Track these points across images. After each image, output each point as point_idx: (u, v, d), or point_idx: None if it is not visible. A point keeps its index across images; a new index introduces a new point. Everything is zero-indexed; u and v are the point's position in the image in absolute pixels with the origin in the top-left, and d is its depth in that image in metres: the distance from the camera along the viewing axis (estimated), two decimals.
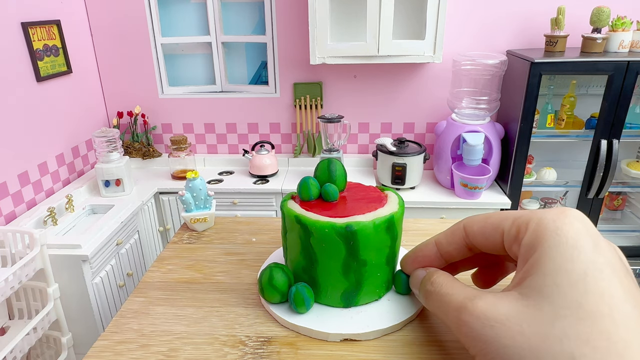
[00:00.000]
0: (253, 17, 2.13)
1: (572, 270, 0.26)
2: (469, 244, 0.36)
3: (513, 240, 0.31)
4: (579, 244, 0.27)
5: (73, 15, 2.02)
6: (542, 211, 0.30)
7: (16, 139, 1.69)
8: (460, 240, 0.36)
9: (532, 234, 0.29)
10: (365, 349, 0.40)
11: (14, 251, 1.34)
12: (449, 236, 0.37)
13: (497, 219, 0.33)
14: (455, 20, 2.00)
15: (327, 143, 2.05)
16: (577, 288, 0.25)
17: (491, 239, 0.33)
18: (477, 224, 0.34)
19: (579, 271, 0.26)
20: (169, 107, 2.26)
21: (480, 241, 0.34)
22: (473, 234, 0.35)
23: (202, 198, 0.66)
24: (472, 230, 0.35)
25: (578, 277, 0.25)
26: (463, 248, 0.36)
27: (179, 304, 0.48)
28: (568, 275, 0.26)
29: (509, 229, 0.31)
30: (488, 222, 0.33)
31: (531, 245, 0.28)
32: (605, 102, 1.75)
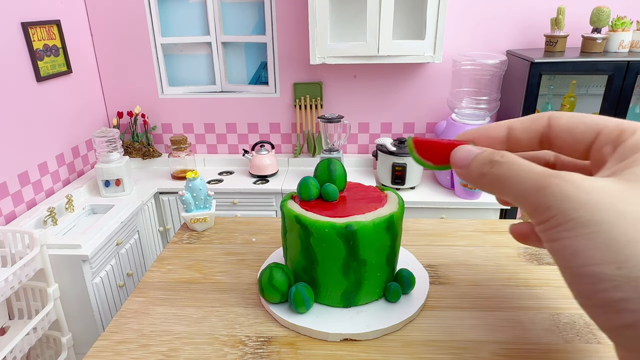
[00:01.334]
0: (253, 17, 2.13)
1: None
2: (545, 136, 0.34)
3: (609, 142, 0.30)
4: None
5: (73, 15, 2.02)
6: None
7: (16, 139, 1.69)
8: (539, 130, 0.34)
9: (639, 138, 0.28)
10: (365, 349, 0.40)
11: (14, 251, 1.34)
12: (527, 123, 0.35)
13: (597, 119, 0.32)
14: (455, 20, 2.00)
15: (327, 143, 2.05)
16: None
17: (579, 136, 0.32)
18: (566, 118, 0.33)
19: None
20: (169, 107, 2.26)
21: (565, 136, 0.33)
22: (559, 127, 0.33)
23: (202, 198, 0.66)
24: (559, 123, 0.33)
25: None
26: (536, 140, 0.34)
27: (179, 304, 0.48)
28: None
29: (610, 129, 0.30)
30: (583, 119, 0.32)
31: (634, 146, 0.28)
32: (605, 102, 1.75)
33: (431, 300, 0.47)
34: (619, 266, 0.23)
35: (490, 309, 0.45)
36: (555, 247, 0.27)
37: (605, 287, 0.24)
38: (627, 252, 0.23)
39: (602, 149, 0.30)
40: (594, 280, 0.24)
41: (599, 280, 0.24)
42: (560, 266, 0.27)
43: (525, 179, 0.29)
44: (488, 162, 0.31)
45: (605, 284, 0.24)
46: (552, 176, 0.27)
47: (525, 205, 0.29)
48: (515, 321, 0.43)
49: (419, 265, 0.51)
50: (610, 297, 0.24)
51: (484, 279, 0.50)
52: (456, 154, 0.35)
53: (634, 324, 0.23)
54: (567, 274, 0.27)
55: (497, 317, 0.44)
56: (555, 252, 0.27)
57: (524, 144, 0.35)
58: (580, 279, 0.25)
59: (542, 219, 0.27)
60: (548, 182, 0.27)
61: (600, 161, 0.30)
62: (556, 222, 0.26)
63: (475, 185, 0.33)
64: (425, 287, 0.47)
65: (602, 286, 0.24)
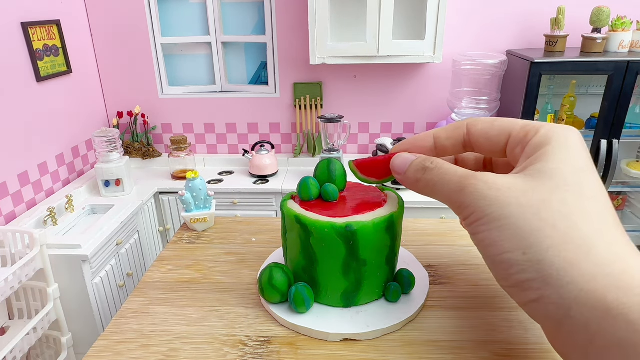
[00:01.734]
0: (253, 17, 2.13)
1: (575, 164, 0.29)
2: (467, 142, 0.37)
3: (518, 143, 0.33)
4: (581, 149, 0.31)
5: (73, 15, 2.02)
6: (550, 123, 0.33)
7: (16, 139, 1.69)
8: (460, 137, 0.37)
9: (542, 136, 0.31)
10: (365, 349, 0.40)
11: (14, 251, 1.34)
12: (450, 131, 0.38)
13: (505, 123, 0.35)
14: (455, 20, 2.00)
15: (327, 143, 2.05)
16: (578, 175, 0.29)
17: (495, 139, 0.35)
18: (481, 124, 0.36)
19: (581, 165, 0.30)
20: (169, 107, 2.26)
21: (482, 141, 0.36)
22: (476, 133, 0.37)
23: (202, 198, 0.66)
24: (476, 129, 0.37)
25: (579, 169, 0.29)
26: (459, 146, 0.38)
27: (179, 304, 0.48)
28: (571, 165, 0.29)
29: (518, 131, 0.33)
30: (495, 124, 0.36)
31: (539, 143, 0.31)
32: (605, 102, 1.75)
33: (431, 300, 0.47)
34: (524, 252, 0.27)
35: (491, 309, 0.45)
36: (477, 240, 0.31)
37: (515, 270, 0.28)
38: (531, 239, 0.27)
39: (514, 150, 0.34)
40: (506, 266, 0.29)
41: (510, 265, 0.28)
42: (483, 255, 0.31)
43: (450, 182, 0.33)
44: (421, 168, 0.36)
45: (514, 268, 0.28)
46: (470, 177, 0.31)
47: (451, 205, 0.33)
48: (515, 321, 0.43)
49: (419, 265, 0.51)
50: (519, 279, 0.28)
51: (484, 279, 0.50)
52: (395, 162, 0.39)
53: (539, 298, 0.27)
54: (488, 262, 0.31)
55: (497, 317, 0.44)
56: (477, 243, 0.31)
57: (450, 150, 0.39)
58: (497, 265, 0.30)
59: (464, 216, 0.32)
60: (467, 183, 0.31)
61: (514, 160, 0.34)
62: (475, 217, 0.30)
63: (413, 189, 0.37)
64: (425, 287, 0.47)
65: (512, 270, 0.28)
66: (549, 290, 0.27)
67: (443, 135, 0.38)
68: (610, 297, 0.24)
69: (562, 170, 0.29)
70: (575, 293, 0.25)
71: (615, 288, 0.25)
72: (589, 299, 0.25)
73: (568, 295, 0.26)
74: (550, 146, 0.30)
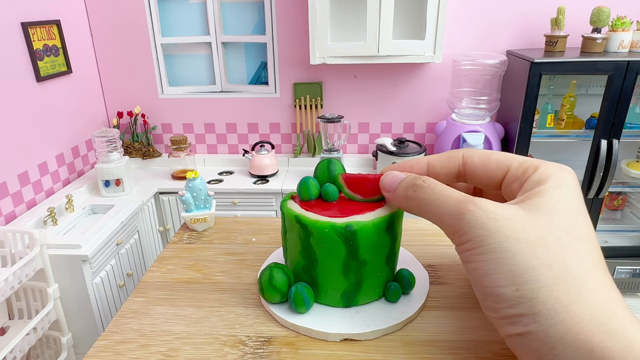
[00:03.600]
0: (253, 17, 2.13)
1: (570, 205, 0.30)
2: (461, 172, 0.37)
3: (516, 179, 0.34)
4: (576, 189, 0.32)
5: (73, 15, 2.02)
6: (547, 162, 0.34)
7: (16, 139, 1.69)
8: (455, 166, 0.37)
9: (541, 173, 0.32)
10: (365, 349, 0.40)
11: (14, 251, 1.34)
12: (444, 160, 0.38)
13: (503, 157, 0.36)
14: (455, 20, 2.00)
15: (327, 143, 2.05)
16: (573, 216, 0.30)
17: (491, 173, 0.36)
18: (478, 157, 0.37)
19: (575, 206, 0.31)
20: (169, 107, 2.26)
21: (478, 172, 0.37)
22: (473, 164, 0.37)
23: (202, 198, 0.66)
24: (473, 161, 0.37)
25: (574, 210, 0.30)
26: (453, 175, 0.38)
27: (179, 304, 0.48)
28: (567, 206, 0.30)
29: (516, 168, 0.34)
30: (492, 157, 0.36)
31: (538, 180, 0.32)
32: (605, 102, 1.75)
33: (431, 300, 0.47)
34: (517, 288, 0.28)
35: None
36: (469, 268, 0.31)
37: (506, 305, 0.29)
38: (525, 276, 0.28)
39: (511, 185, 0.34)
40: (498, 299, 0.29)
41: (502, 300, 0.29)
42: (473, 284, 0.32)
43: (444, 204, 0.33)
44: (412, 185, 0.35)
45: (506, 303, 0.29)
46: (469, 202, 0.31)
47: (444, 228, 0.33)
48: None
49: (419, 265, 0.51)
50: (508, 313, 0.29)
51: None
52: (385, 179, 0.39)
53: (525, 333, 0.28)
54: (478, 291, 0.31)
55: None
56: (470, 271, 0.31)
57: (442, 179, 0.38)
58: (487, 297, 0.30)
59: (459, 242, 0.32)
60: (464, 209, 0.31)
61: (510, 195, 0.34)
62: (471, 246, 0.30)
63: (402, 207, 0.37)
64: (425, 287, 0.47)
65: (503, 304, 0.29)
66: (536, 327, 0.27)
67: (437, 164, 0.38)
68: (595, 340, 0.25)
69: (559, 210, 0.30)
70: (562, 333, 0.26)
71: (600, 332, 0.25)
72: (575, 340, 0.25)
73: (554, 335, 0.26)
74: (549, 184, 0.31)
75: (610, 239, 2.07)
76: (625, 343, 0.25)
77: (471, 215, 0.30)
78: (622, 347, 0.24)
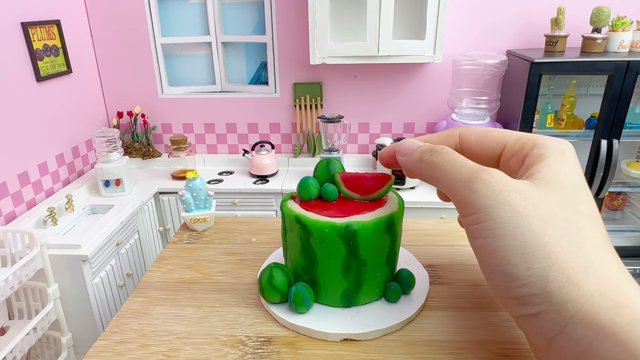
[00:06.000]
0: (253, 17, 2.13)
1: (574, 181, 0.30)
2: (458, 151, 0.37)
3: (513, 154, 0.34)
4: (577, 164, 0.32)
5: (73, 15, 2.02)
6: (544, 136, 0.33)
7: (16, 139, 1.69)
8: (452, 145, 0.37)
9: (541, 148, 0.32)
10: (365, 349, 0.40)
11: (13, 251, 1.34)
12: (442, 139, 0.38)
13: (500, 134, 0.35)
14: (455, 20, 2.00)
15: (327, 143, 2.05)
16: (577, 192, 0.30)
17: (488, 150, 0.36)
18: (475, 134, 0.36)
19: (578, 182, 0.30)
20: (169, 107, 2.26)
21: (475, 150, 0.36)
22: (469, 142, 0.37)
23: (202, 198, 0.66)
24: (469, 139, 0.37)
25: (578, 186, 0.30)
26: None
27: (179, 304, 0.48)
28: (571, 182, 0.30)
29: (512, 144, 0.34)
30: (489, 134, 0.36)
31: (540, 154, 0.32)
32: (605, 102, 1.75)
33: (431, 300, 0.47)
34: (529, 266, 0.27)
35: (491, 309, 0.45)
36: (477, 244, 0.30)
37: (517, 284, 0.28)
38: (536, 254, 0.27)
39: (509, 161, 0.34)
40: (508, 278, 0.28)
41: (512, 279, 0.28)
42: (480, 262, 0.30)
43: (458, 171, 0.31)
44: (429, 150, 0.34)
45: (516, 282, 0.28)
46: (482, 171, 0.30)
47: (453, 196, 0.32)
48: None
49: (419, 265, 0.51)
50: (520, 293, 0.28)
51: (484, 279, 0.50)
52: (402, 144, 0.38)
53: (537, 314, 0.27)
54: (485, 270, 0.30)
55: (497, 317, 0.44)
56: (477, 248, 0.30)
57: None
58: (496, 275, 0.29)
59: (466, 213, 0.30)
60: (476, 177, 0.30)
61: (509, 172, 0.33)
62: (478, 219, 0.29)
63: (412, 171, 0.36)
64: (425, 287, 0.47)
65: (514, 284, 0.28)
66: (548, 306, 0.26)
67: (434, 142, 0.38)
68: (604, 316, 0.25)
69: (566, 186, 0.29)
70: (573, 312, 0.26)
71: (609, 308, 0.25)
72: (585, 318, 0.25)
73: (566, 313, 0.26)
74: (551, 159, 0.31)
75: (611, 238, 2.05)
76: (633, 317, 0.24)
77: (482, 184, 0.29)
78: (630, 321, 0.24)
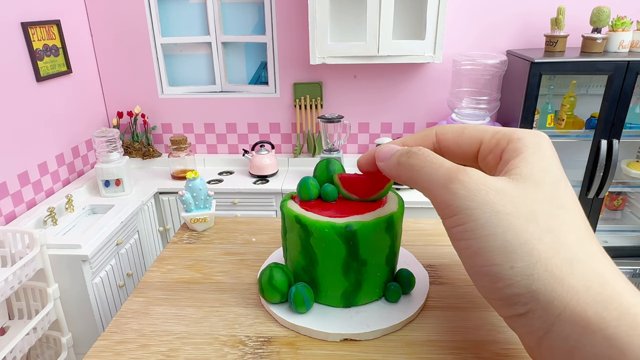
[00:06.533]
0: (253, 17, 2.13)
1: (553, 173, 0.30)
2: (436, 149, 0.37)
3: (490, 151, 0.33)
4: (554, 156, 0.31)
5: (73, 15, 2.02)
6: (519, 130, 0.33)
7: (16, 139, 1.69)
8: (430, 145, 0.37)
9: (517, 142, 0.32)
10: (365, 349, 0.40)
11: (13, 251, 1.34)
12: (419, 139, 0.38)
13: (475, 131, 0.35)
14: (455, 20, 2.00)
15: (327, 143, 2.05)
16: (557, 186, 0.29)
17: (465, 147, 0.35)
18: (451, 132, 0.36)
19: (558, 175, 0.30)
20: (169, 107, 2.26)
21: (452, 149, 0.36)
22: (446, 141, 0.36)
23: (202, 198, 0.66)
24: (446, 138, 0.36)
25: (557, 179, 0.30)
26: None
27: (179, 304, 0.48)
28: (550, 175, 0.30)
29: (488, 140, 0.34)
30: (465, 132, 0.35)
31: (515, 149, 0.31)
32: (605, 102, 1.75)
33: (431, 300, 0.47)
34: (512, 265, 0.26)
35: (491, 309, 0.45)
36: (459, 246, 0.29)
37: (503, 284, 0.27)
38: (518, 252, 0.26)
39: (486, 157, 0.34)
40: (493, 279, 0.27)
41: (497, 279, 0.27)
42: (464, 264, 0.30)
43: (435, 172, 0.31)
44: (405, 152, 0.34)
45: (502, 282, 0.27)
46: (459, 172, 0.29)
47: (433, 199, 0.31)
48: None
49: (419, 265, 0.51)
50: (506, 293, 0.27)
51: None
52: (380, 149, 0.37)
53: (526, 313, 0.27)
54: (470, 272, 0.30)
55: (497, 317, 0.44)
56: (459, 250, 0.30)
57: None
58: (481, 277, 0.28)
59: (446, 215, 0.30)
60: (454, 178, 0.29)
61: (487, 168, 0.34)
62: (458, 221, 0.29)
63: (392, 175, 0.36)
64: (425, 287, 0.47)
65: (499, 284, 0.27)
66: (536, 305, 0.26)
67: (412, 143, 0.38)
68: (591, 311, 0.24)
69: (545, 181, 0.29)
70: (560, 309, 0.25)
71: (595, 302, 0.25)
72: (572, 314, 0.25)
73: (553, 311, 0.25)
74: (528, 153, 0.30)
75: (610, 239, 2.07)
76: (620, 310, 0.24)
77: (460, 185, 0.29)
78: (617, 315, 0.24)
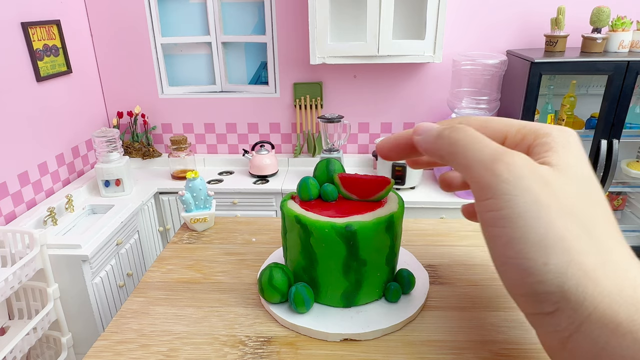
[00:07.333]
0: (253, 17, 2.13)
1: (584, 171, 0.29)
2: None
3: (514, 146, 0.32)
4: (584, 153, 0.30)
5: (73, 15, 2.02)
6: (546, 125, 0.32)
7: (16, 139, 1.69)
8: None
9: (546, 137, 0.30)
10: (365, 349, 0.40)
11: (13, 251, 1.34)
12: None
13: (500, 124, 0.34)
14: (455, 20, 2.00)
15: (327, 143, 2.05)
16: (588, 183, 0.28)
17: None
18: (475, 124, 0.34)
19: (587, 172, 0.29)
20: (169, 107, 2.26)
21: None
22: None
23: (202, 198, 0.66)
24: None
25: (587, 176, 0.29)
26: None
27: (179, 304, 0.48)
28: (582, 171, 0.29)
29: (513, 134, 0.32)
30: (489, 125, 0.34)
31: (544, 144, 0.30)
32: (605, 102, 1.75)
33: (431, 300, 0.47)
34: (546, 262, 0.25)
35: (491, 309, 0.45)
36: (490, 233, 0.28)
37: (533, 280, 0.26)
38: (554, 249, 0.25)
39: None
40: (523, 273, 0.26)
41: (528, 274, 0.26)
42: (492, 253, 0.28)
43: (479, 150, 0.29)
44: (449, 127, 0.32)
45: (533, 278, 0.26)
46: (507, 153, 0.28)
47: (471, 178, 0.29)
48: (515, 321, 0.43)
49: (419, 265, 0.51)
50: (535, 290, 0.26)
51: (484, 278, 0.50)
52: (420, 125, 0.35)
53: (553, 312, 0.26)
54: (497, 262, 0.28)
55: (497, 317, 0.44)
56: (490, 238, 0.28)
57: None
58: (510, 269, 0.27)
59: (482, 197, 0.28)
60: (499, 158, 0.28)
61: None
62: (495, 205, 0.27)
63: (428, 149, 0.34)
64: (425, 287, 0.47)
65: (530, 279, 0.26)
66: (565, 304, 0.25)
67: None
68: (622, 315, 0.24)
69: (579, 175, 0.28)
70: (590, 310, 0.24)
71: (627, 305, 0.24)
72: (602, 316, 0.24)
73: (583, 312, 0.25)
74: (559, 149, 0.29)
75: None
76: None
77: (505, 167, 0.27)
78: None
